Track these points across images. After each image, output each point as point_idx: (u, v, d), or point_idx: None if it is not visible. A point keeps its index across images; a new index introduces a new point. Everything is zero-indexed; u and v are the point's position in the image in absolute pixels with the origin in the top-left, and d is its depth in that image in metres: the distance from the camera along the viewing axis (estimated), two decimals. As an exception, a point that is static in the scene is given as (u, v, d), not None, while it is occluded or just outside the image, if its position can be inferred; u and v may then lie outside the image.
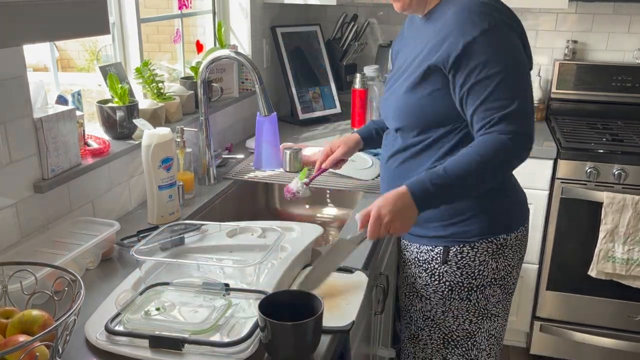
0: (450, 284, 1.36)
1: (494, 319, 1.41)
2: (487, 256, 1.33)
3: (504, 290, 1.39)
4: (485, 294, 1.36)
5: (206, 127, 1.74)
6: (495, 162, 1.17)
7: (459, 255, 1.33)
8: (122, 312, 1.00)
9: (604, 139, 2.33)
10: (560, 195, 2.27)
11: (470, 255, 1.33)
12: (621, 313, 2.37)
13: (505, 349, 2.62)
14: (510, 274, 1.39)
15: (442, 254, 1.35)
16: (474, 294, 1.36)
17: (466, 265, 1.33)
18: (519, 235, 1.37)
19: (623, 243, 2.20)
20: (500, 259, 1.35)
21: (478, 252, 1.32)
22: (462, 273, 1.35)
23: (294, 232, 1.34)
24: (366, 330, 1.58)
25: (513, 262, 1.38)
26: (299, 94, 2.50)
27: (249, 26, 2.30)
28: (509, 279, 1.39)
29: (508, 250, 1.35)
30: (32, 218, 1.27)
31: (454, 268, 1.35)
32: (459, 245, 1.33)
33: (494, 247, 1.33)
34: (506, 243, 1.34)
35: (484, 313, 1.39)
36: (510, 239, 1.35)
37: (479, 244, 1.32)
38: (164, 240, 1.25)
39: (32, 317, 0.90)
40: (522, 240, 1.39)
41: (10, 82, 1.19)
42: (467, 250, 1.33)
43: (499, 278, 1.36)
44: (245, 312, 1.02)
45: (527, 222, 1.41)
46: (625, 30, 2.64)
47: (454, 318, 1.39)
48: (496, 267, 1.35)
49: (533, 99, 1.24)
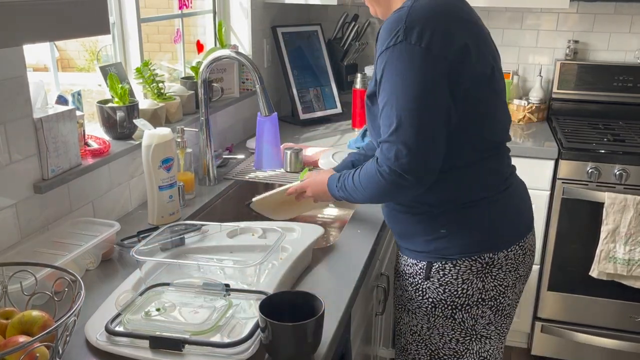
0: (434, 300, 1.30)
1: (484, 341, 1.33)
2: (471, 275, 1.25)
3: (496, 311, 1.30)
4: (471, 314, 1.29)
5: (207, 127, 1.74)
6: (373, 192, 1.22)
7: (441, 271, 1.27)
8: (123, 313, 0.99)
9: (605, 139, 2.33)
10: (561, 195, 2.27)
11: (452, 272, 1.26)
12: (622, 314, 2.36)
13: (506, 350, 2.62)
14: (503, 295, 1.29)
15: (425, 270, 1.29)
16: (459, 313, 1.29)
17: (448, 283, 1.27)
18: (510, 254, 1.27)
19: (624, 243, 2.19)
20: (488, 278, 1.26)
21: (460, 269, 1.25)
22: (444, 290, 1.28)
23: (295, 232, 1.34)
24: (367, 330, 1.57)
25: (506, 283, 1.28)
26: (300, 94, 2.49)
27: (250, 26, 2.30)
28: (501, 300, 1.30)
29: (497, 270, 1.26)
30: (32, 218, 1.27)
31: (436, 285, 1.28)
32: (440, 261, 1.27)
33: (478, 266, 1.25)
34: (493, 262, 1.25)
35: (472, 333, 1.31)
36: (498, 258, 1.25)
37: (461, 262, 1.25)
38: (164, 241, 1.25)
39: (32, 318, 0.89)
40: (515, 260, 1.28)
41: (10, 82, 1.19)
42: (449, 267, 1.26)
43: (489, 298, 1.28)
44: (245, 313, 1.01)
45: (523, 240, 1.30)
46: (626, 30, 2.64)
47: (440, 335, 1.33)
48: (483, 286, 1.27)
49: (431, 124, 1.12)
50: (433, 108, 1.12)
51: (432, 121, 1.12)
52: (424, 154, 1.13)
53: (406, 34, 1.10)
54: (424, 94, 1.11)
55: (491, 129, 1.24)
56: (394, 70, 1.12)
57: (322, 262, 1.31)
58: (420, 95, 1.11)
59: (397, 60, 1.11)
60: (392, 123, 1.12)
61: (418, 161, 1.12)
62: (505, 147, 1.32)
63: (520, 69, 2.79)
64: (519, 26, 2.73)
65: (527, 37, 2.74)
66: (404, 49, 1.10)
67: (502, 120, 1.28)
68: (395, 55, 1.11)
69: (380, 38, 1.16)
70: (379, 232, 1.45)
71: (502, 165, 1.29)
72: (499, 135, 1.27)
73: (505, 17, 2.74)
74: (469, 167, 1.22)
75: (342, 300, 1.14)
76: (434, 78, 1.11)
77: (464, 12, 1.20)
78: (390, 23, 1.14)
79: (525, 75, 2.79)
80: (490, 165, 1.25)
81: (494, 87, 1.22)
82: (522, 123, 2.63)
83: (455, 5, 1.20)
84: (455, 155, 1.19)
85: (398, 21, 1.12)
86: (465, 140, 1.19)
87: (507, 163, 1.32)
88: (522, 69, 2.79)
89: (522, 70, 2.79)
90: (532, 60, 2.77)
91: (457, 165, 1.21)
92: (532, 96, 2.68)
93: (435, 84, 1.12)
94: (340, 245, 1.38)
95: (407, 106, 1.11)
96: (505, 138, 1.31)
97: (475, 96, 1.17)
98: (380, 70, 1.15)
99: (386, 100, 1.13)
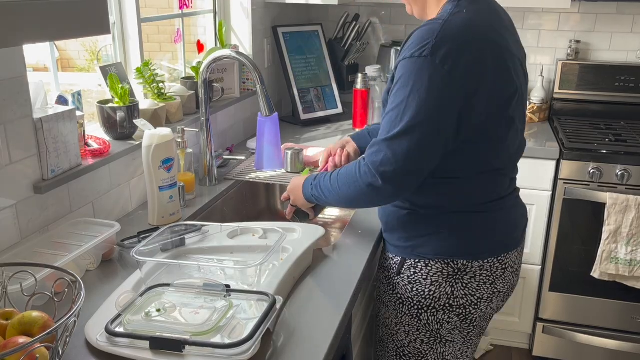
0: (401, 297, 1.32)
1: (448, 345, 1.34)
2: (441, 278, 1.26)
3: (463, 320, 1.30)
4: (437, 317, 1.29)
5: (207, 128, 1.74)
6: (346, 191, 1.23)
7: (412, 269, 1.28)
8: (123, 314, 0.99)
9: (607, 140, 2.32)
10: (563, 196, 2.26)
11: (423, 272, 1.27)
12: (624, 314, 2.36)
13: (507, 351, 2.62)
14: (474, 306, 1.28)
15: (398, 265, 1.31)
16: (424, 314, 1.30)
17: (417, 282, 1.28)
18: (486, 265, 1.26)
19: (626, 244, 2.19)
20: (458, 285, 1.26)
21: (431, 271, 1.26)
22: (412, 289, 1.29)
23: (296, 233, 1.34)
24: (368, 331, 1.57)
25: (479, 294, 1.27)
26: (301, 94, 2.49)
27: (250, 26, 2.29)
28: (471, 310, 1.29)
29: (469, 279, 1.26)
30: (32, 219, 1.26)
31: (405, 282, 1.30)
32: (414, 259, 1.28)
33: (449, 270, 1.25)
34: (465, 270, 1.25)
35: (437, 336, 1.32)
36: (472, 266, 1.25)
37: (434, 263, 1.25)
38: (164, 242, 1.25)
39: (32, 319, 0.89)
40: (492, 273, 1.27)
41: (10, 82, 1.18)
42: (420, 266, 1.27)
43: (457, 306, 1.28)
44: (246, 314, 1.01)
45: (503, 255, 1.28)
46: (628, 30, 2.63)
47: (406, 333, 1.35)
48: (452, 292, 1.26)
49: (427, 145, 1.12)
50: (435, 132, 1.13)
51: (429, 144, 1.13)
52: (408, 171, 1.14)
53: (433, 50, 1.09)
54: (433, 114, 1.11)
55: (493, 155, 1.23)
56: (411, 82, 1.11)
57: (323, 263, 1.30)
58: (430, 115, 1.11)
59: (417, 74, 1.10)
60: (392, 129, 1.12)
61: (400, 176, 1.14)
62: (509, 174, 1.30)
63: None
64: (520, 26, 2.72)
65: (528, 37, 2.74)
66: (427, 65, 1.09)
67: (509, 148, 1.25)
68: (417, 68, 1.11)
69: (409, 42, 1.15)
70: (380, 233, 1.45)
71: (497, 186, 1.27)
72: (500, 163, 1.25)
73: (506, 17, 2.73)
74: (462, 180, 1.22)
75: (343, 301, 1.14)
76: (448, 102, 1.11)
77: (496, 34, 1.17)
78: (422, 32, 1.12)
79: (526, 75, 2.79)
80: (484, 184, 1.25)
81: (510, 114, 1.20)
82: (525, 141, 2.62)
83: (492, 27, 1.17)
84: (450, 168, 1.20)
85: (429, 34, 1.11)
86: (462, 158, 1.19)
87: (506, 187, 1.30)
88: (523, 69, 2.78)
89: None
90: (534, 60, 2.77)
91: (449, 176, 1.21)
92: (534, 96, 2.67)
93: (447, 108, 1.12)
94: (341, 246, 1.38)
95: (411, 121, 1.11)
96: (509, 167, 1.29)
97: (483, 126, 1.17)
98: (398, 74, 1.15)
99: (394, 106, 1.13)
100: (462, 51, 1.10)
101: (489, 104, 1.15)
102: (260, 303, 1.02)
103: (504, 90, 1.17)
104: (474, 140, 1.18)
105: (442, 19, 1.13)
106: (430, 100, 1.10)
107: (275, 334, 1.03)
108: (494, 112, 1.17)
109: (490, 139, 1.20)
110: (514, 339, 2.63)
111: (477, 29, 1.14)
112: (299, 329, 1.04)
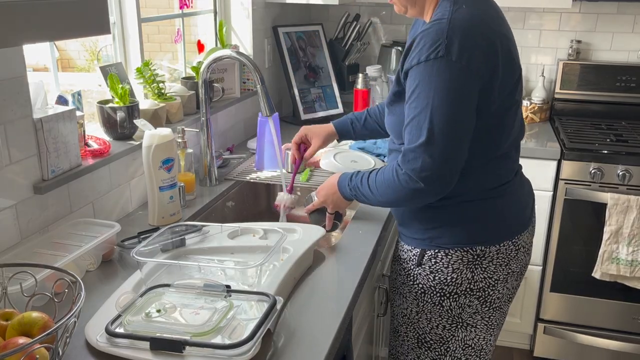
0: (424, 287, 1.35)
1: (470, 329, 1.36)
2: (462, 265, 1.30)
3: (483, 302, 1.34)
4: (459, 302, 1.33)
5: (207, 128, 1.73)
6: (389, 197, 1.25)
7: (432, 259, 1.32)
8: (123, 314, 0.99)
9: (608, 140, 2.32)
10: (564, 196, 2.26)
11: (444, 261, 1.30)
12: (626, 315, 2.35)
13: (508, 351, 2.61)
14: (492, 288, 1.33)
15: (418, 256, 1.34)
16: (447, 301, 1.33)
17: (439, 271, 1.31)
18: (502, 249, 1.30)
19: (627, 244, 2.19)
20: (478, 270, 1.30)
21: (452, 259, 1.30)
22: (434, 278, 1.32)
23: (296, 233, 1.33)
24: (369, 331, 1.57)
25: (496, 276, 1.32)
26: (301, 94, 2.49)
27: (251, 26, 2.29)
28: (490, 292, 1.33)
29: (487, 263, 1.30)
30: (31, 219, 1.26)
31: (427, 272, 1.33)
32: (434, 250, 1.31)
33: (469, 257, 1.29)
34: (484, 255, 1.29)
35: (458, 321, 1.35)
36: (489, 251, 1.29)
37: (453, 252, 1.29)
38: (164, 242, 1.24)
39: (32, 319, 0.89)
40: (507, 255, 1.32)
41: (10, 82, 1.18)
42: (441, 256, 1.31)
43: (477, 289, 1.32)
44: (246, 314, 1.01)
45: (517, 237, 1.33)
46: (629, 30, 2.63)
47: (427, 320, 1.38)
48: (472, 277, 1.31)
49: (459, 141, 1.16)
50: (464, 125, 1.16)
51: (461, 137, 1.16)
52: (449, 169, 1.17)
53: (447, 49, 1.11)
54: (459, 110, 1.14)
55: (503, 138, 1.27)
56: (432, 85, 1.12)
57: (324, 263, 1.30)
58: (456, 112, 1.14)
59: (437, 75, 1.12)
60: (422, 135, 1.14)
61: (442, 175, 1.17)
62: (513, 151, 1.34)
63: (522, 69, 2.77)
64: (521, 26, 2.72)
65: (529, 37, 2.73)
66: (445, 65, 1.11)
67: (515, 128, 1.30)
68: (435, 70, 1.12)
69: (418, 47, 1.15)
70: (380, 233, 1.45)
71: (504, 171, 1.31)
72: (508, 144, 1.29)
73: (507, 17, 2.68)
74: (471, 169, 1.24)
75: (343, 302, 1.13)
76: (470, 95, 1.15)
77: (496, 24, 1.21)
78: (431, 34, 1.13)
79: (527, 75, 2.79)
80: (493, 170, 1.29)
81: (516, 98, 1.26)
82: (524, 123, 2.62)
83: (492, 17, 1.21)
84: None
85: (439, 34, 1.12)
86: (475, 147, 1.21)
87: (511, 169, 1.34)
88: (524, 69, 2.77)
89: (524, 70, 2.77)
90: (535, 60, 2.77)
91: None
92: (535, 96, 2.67)
93: (470, 101, 1.16)
94: (342, 247, 1.38)
95: (441, 121, 1.13)
96: (512, 149, 1.33)
97: (499, 111, 1.21)
98: (415, 79, 1.15)
99: (419, 112, 1.14)
100: (475, 43, 1.13)
101: (501, 90, 1.19)
102: (261, 303, 1.02)
103: (512, 76, 1.22)
104: (487, 127, 1.21)
105: (446, 17, 1.14)
106: (455, 97, 1.13)
107: (276, 334, 1.02)
108: (505, 99, 1.21)
109: (502, 125, 1.25)
110: (515, 340, 2.62)
111: (482, 20, 1.17)
112: (299, 330, 1.04)
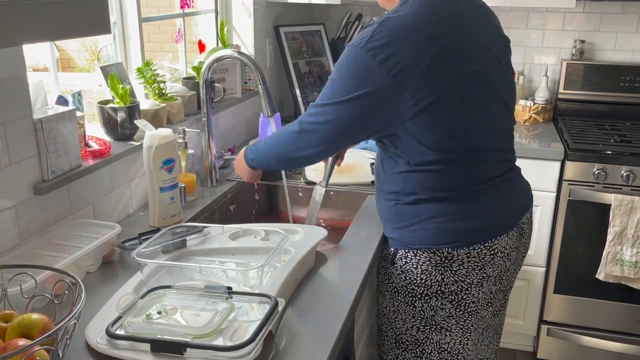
0: (396, 286, 1.37)
1: (444, 333, 1.35)
2: (430, 266, 1.30)
3: (457, 307, 1.32)
4: (430, 304, 1.33)
5: (208, 128, 1.73)
6: (277, 143, 1.36)
7: (403, 259, 1.33)
8: (123, 316, 0.98)
9: (612, 140, 2.31)
10: (567, 197, 2.25)
11: (413, 261, 1.31)
12: (630, 317, 2.34)
13: (512, 353, 2.60)
14: (466, 292, 1.31)
15: (391, 255, 1.36)
16: (418, 302, 1.34)
17: (409, 271, 1.33)
18: (472, 252, 1.27)
19: (631, 246, 2.17)
20: (447, 272, 1.29)
21: (420, 260, 1.30)
22: (405, 278, 1.34)
23: (298, 234, 1.33)
24: (370, 332, 1.56)
25: (469, 280, 1.30)
26: (303, 94, 2.48)
27: (252, 25, 2.29)
28: (464, 296, 1.31)
29: (458, 266, 1.28)
30: (31, 220, 1.26)
31: (399, 271, 1.35)
32: (404, 249, 1.33)
33: (437, 259, 1.29)
34: (452, 257, 1.28)
35: (432, 324, 1.35)
36: (458, 254, 1.27)
37: (421, 252, 1.30)
38: (165, 243, 1.24)
39: (32, 321, 0.88)
40: (480, 259, 1.28)
41: (10, 82, 1.18)
42: (410, 256, 1.32)
43: (449, 292, 1.30)
44: (248, 316, 1.00)
45: (491, 241, 1.28)
46: (633, 30, 2.62)
47: (403, 321, 1.39)
48: (442, 279, 1.30)
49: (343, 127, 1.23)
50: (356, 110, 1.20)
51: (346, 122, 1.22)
52: (328, 134, 1.25)
53: (367, 41, 1.18)
54: (355, 99, 1.19)
55: (461, 134, 1.23)
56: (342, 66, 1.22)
57: (326, 265, 1.29)
58: (349, 98, 1.19)
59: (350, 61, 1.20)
60: (320, 100, 1.25)
61: (318, 135, 1.26)
62: (491, 152, 1.29)
63: (526, 69, 2.77)
64: (524, 26, 2.71)
65: (532, 36, 2.72)
66: (362, 56, 1.17)
67: (480, 125, 1.25)
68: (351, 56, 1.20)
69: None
70: (382, 234, 1.44)
71: (476, 170, 1.27)
72: (474, 141, 1.25)
73: (510, 17, 2.72)
74: (433, 165, 1.24)
75: (345, 303, 1.13)
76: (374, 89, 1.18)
77: (443, 23, 1.20)
78: (374, 25, 1.21)
79: (531, 75, 2.78)
80: (463, 170, 1.25)
81: (465, 95, 1.21)
82: (527, 124, 2.61)
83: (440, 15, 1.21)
84: (417, 153, 1.23)
85: (371, 29, 1.20)
86: (425, 141, 1.21)
87: (489, 169, 1.29)
88: (527, 69, 2.77)
89: (527, 70, 2.77)
90: (538, 60, 2.76)
91: (420, 162, 1.24)
92: (538, 96, 2.66)
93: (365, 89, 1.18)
94: (344, 248, 1.37)
95: (337, 105, 1.21)
96: (488, 144, 1.28)
97: (436, 107, 1.18)
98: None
99: (330, 79, 1.25)
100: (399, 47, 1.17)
101: (434, 84, 1.17)
102: (262, 305, 1.01)
103: (449, 74, 1.19)
104: (430, 123, 1.19)
105: (386, 16, 1.23)
106: (349, 81, 1.20)
107: (277, 336, 1.02)
108: (442, 95, 1.18)
109: (447, 121, 1.21)
110: (518, 342, 2.61)
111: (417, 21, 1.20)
112: (301, 332, 1.03)
